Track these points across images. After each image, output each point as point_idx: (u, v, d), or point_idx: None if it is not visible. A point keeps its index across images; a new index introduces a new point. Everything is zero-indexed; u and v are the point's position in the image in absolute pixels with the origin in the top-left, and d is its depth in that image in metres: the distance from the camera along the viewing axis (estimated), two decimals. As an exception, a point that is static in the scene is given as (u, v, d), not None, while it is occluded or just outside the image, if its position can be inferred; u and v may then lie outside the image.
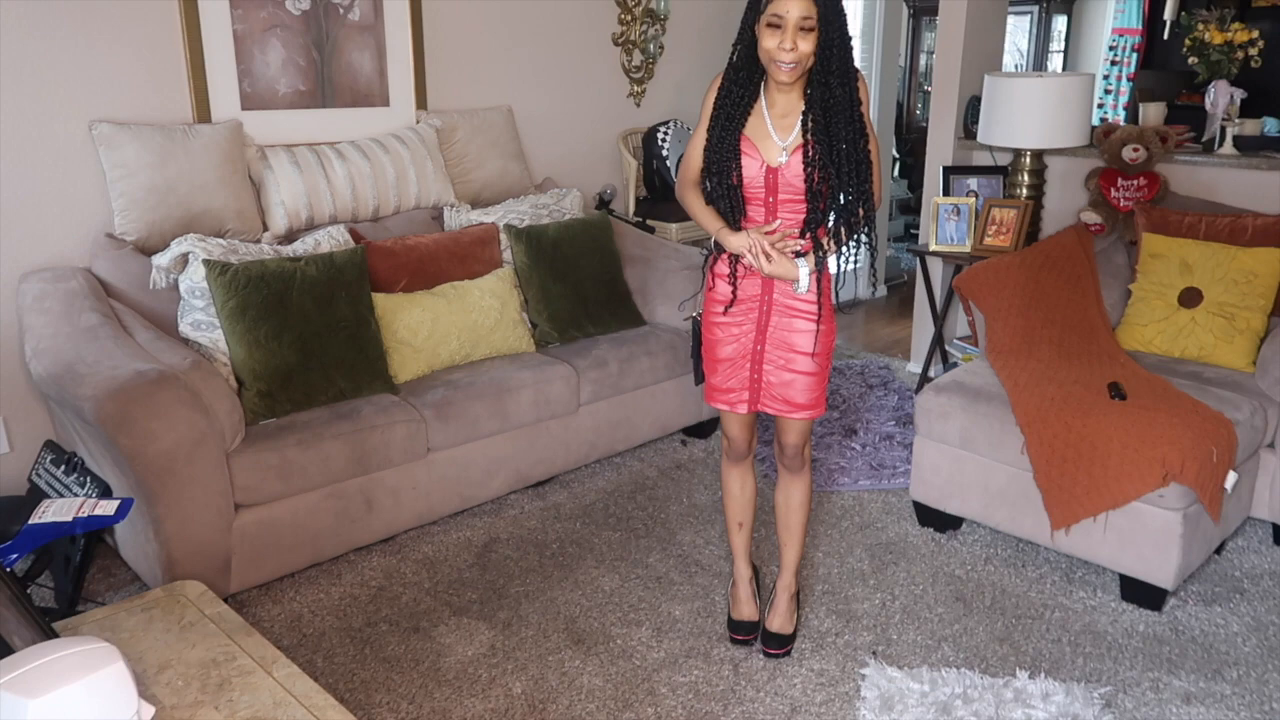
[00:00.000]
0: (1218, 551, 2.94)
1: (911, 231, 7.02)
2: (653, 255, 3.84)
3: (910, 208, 7.18)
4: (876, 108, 5.73)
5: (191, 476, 2.42)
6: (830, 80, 2.09)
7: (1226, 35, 3.78)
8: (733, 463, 2.52)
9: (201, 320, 2.80)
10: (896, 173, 7.17)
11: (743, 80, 2.17)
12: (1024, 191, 3.99)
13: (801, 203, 2.18)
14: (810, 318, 2.26)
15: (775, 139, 2.17)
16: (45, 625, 1.48)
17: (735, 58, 2.17)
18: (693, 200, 2.30)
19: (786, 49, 2.04)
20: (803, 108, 2.15)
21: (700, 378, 2.47)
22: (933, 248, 4.11)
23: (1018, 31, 7.97)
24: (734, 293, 2.29)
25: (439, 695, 2.30)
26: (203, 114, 3.15)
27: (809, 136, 2.13)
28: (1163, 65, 7.88)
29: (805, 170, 2.14)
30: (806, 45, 2.06)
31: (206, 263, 2.77)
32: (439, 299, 3.16)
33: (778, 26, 2.04)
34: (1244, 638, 2.54)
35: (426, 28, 3.66)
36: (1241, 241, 3.20)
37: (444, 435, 2.95)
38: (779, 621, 2.51)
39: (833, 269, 2.30)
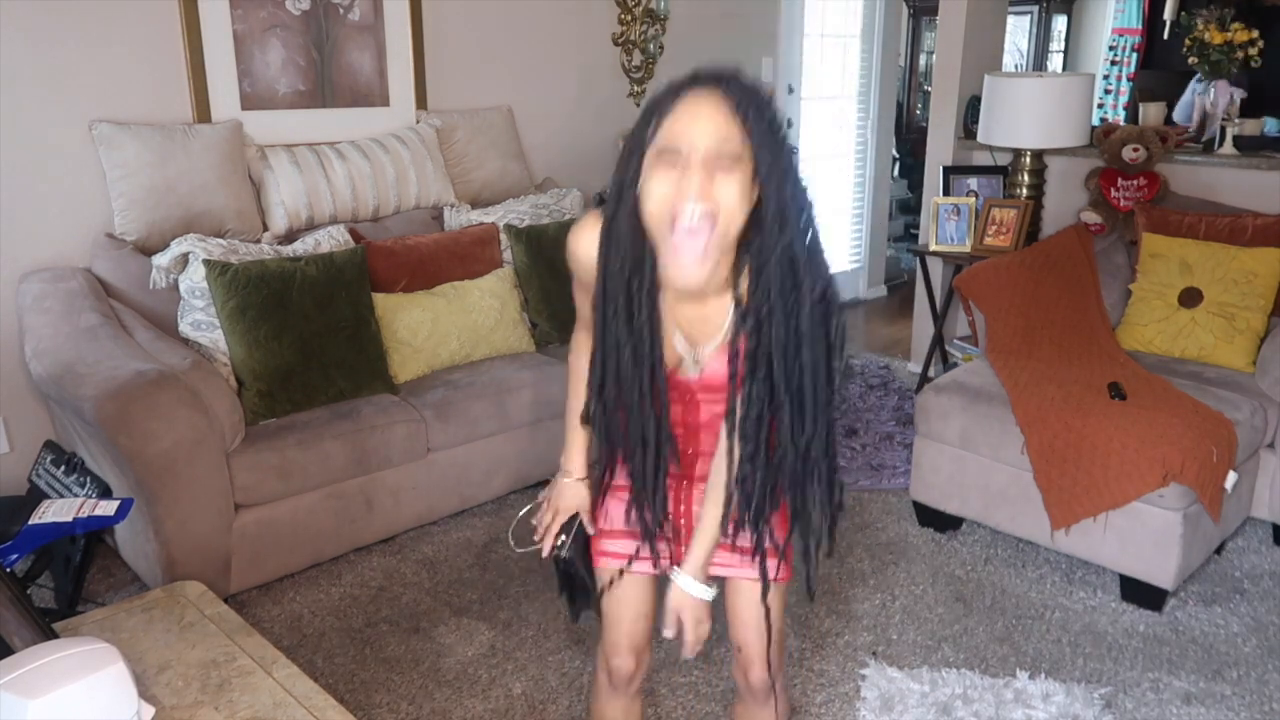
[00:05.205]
0: (1218, 551, 2.94)
1: (911, 231, 7.02)
2: (653, 255, 3.83)
3: (910, 208, 7.18)
4: (877, 108, 5.73)
5: (191, 476, 2.42)
6: (777, 271, 1.24)
7: (1226, 35, 3.78)
8: (614, 690, 1.63)
9: (201, 320, 2.80)
10: (896, 173, 7.16)
11: (627, 252, 1.29)
12: (1024, 191, 3.99)
13: (723, 394, 1.38)
14: None
15: (682, 350, 1.40)
16: (45, 625, 1.48)
17: (615, 213, 1.28)
18: (574, 385, 1.51)
19: (693, 191, 1.18)
20: (730, 305, 1.32)
21: (579, 612, 1.62)
22: (933, 248, 4.11)
23: (1018, 31, 7.96)
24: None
25: (439, 695, 2.30)
26: (203, 114, 3.15)
27: (742, 333, 1.31)
28: (1163, 65, 7.88)
29: (730, 367, 1.34)
30: (729, 190, 1.20)
31: (206, 263, 2.77)
32: (439, 299, 3.16)
33: (674, 153, 1.20)
34: (1244, 638, 2.54)
35: (426, 28, 3.66)
36: (1241, 241, 3.20)
37: (444, 435, 2.95)
38: None
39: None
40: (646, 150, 1.23)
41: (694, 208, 1.18)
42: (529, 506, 1.64)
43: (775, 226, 1.22)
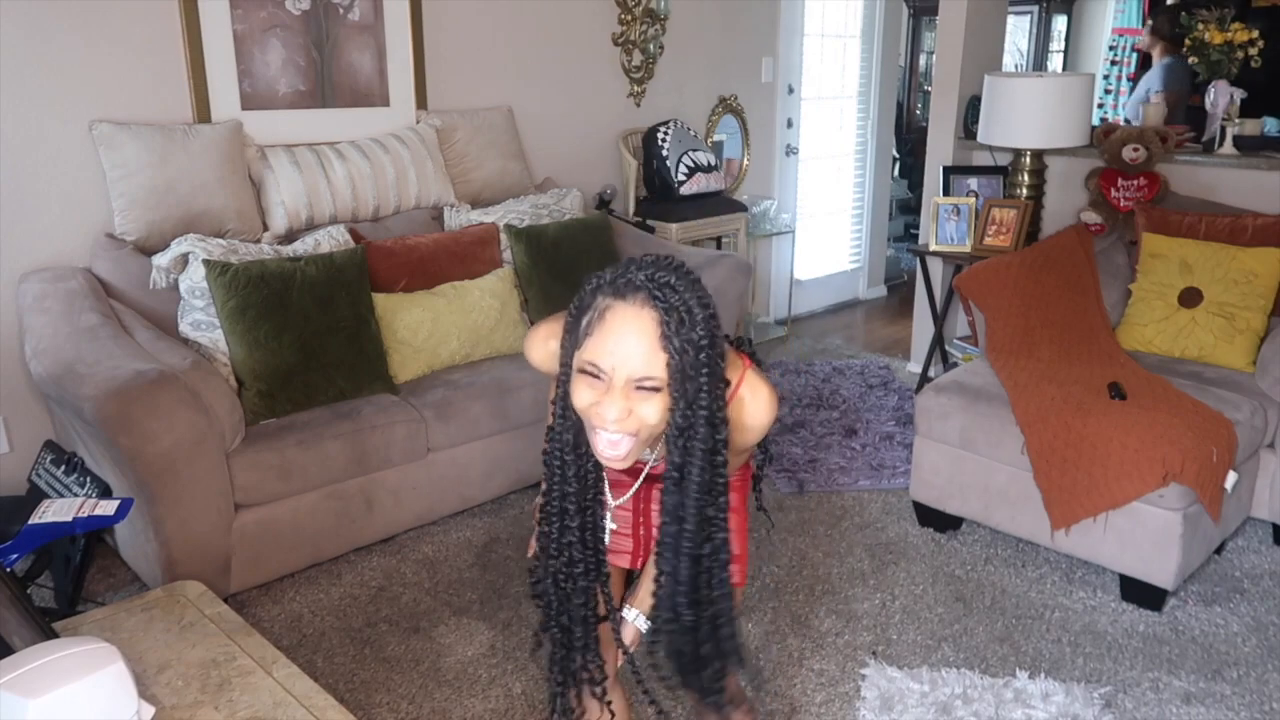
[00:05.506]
0: (1218, 551, 2.94)
1: (911, 231, 7.02)
2: (653, 255, 3.83)
3: (910, 208, 7.18)
4: (877, 108, 5.73)
5: (191, 476, 2.42)
6: (687, 474, 1.31)
7: (1226, 35, 3.78)
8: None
9: (201, 320, 2.80)
10: (896, 173, 7.17)
11: (581, 441, 1.38)
12: (1024, 191, 3.99)
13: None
14: None
15: (608, 498, 1.55)
16: (45, 625, 1.48)
17: (568, 400, 1.34)
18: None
19: (611, 417, 1.24)
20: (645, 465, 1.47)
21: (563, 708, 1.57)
22: (933, 248, 4.11)
23: (1018, 31, 7.96)
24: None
25: (439, 695, 2.30)
26: (203, 114, 3.15)
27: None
28: (1163, 65, 7.87)
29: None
30: (649, 410, 1.25)
31: (206, 263, 2.77)
32: (439, 299, 3.16)
33: (595, 376, 1.25)
34: (1244, 638, 2.54)
35: (426, 28, 3.66)
36: (1241, 241, 3.20)
37: (444, 435, 2.95)
38: None
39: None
40: (580, 346, 1.27)
41: (612, 432, 1.25)
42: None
43: (678, 443, 1.28)
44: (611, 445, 1.27)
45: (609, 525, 1.57)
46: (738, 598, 1.65)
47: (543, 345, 1.48)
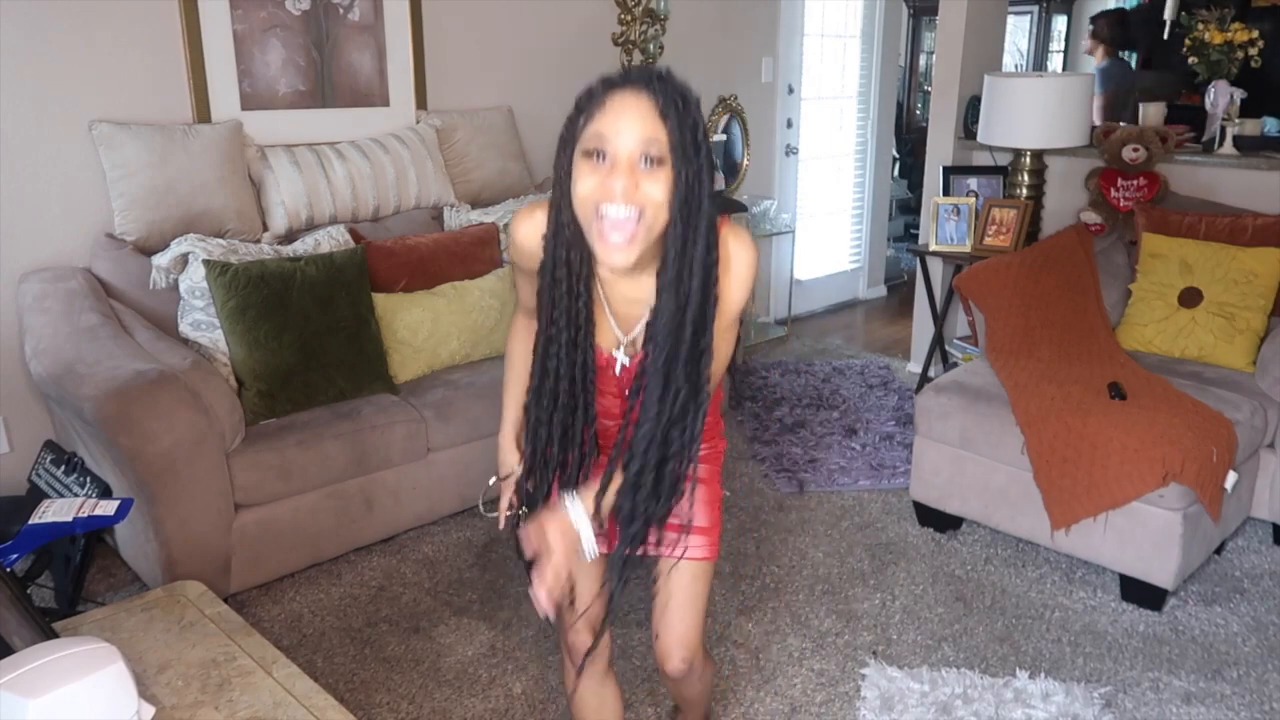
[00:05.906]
0: (1218, 551, 2.94)
1: (911, 231, 7.02)
2: (653, 255, 3.83)
3: (910, 208, 7.18)
4: (877, 108, 5.73)
5: (191, 476, 2.42)
6: (685, 259, 1.30)
7: (1226, 35, 3.78)
8: (578, 671, 1.63)
9: (201, 320, 2.80)
10: (896, 173, 7.17)
11: (570, 241, 1.35)
12: (1024, 191, 3.99)
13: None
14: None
15: (616, 333, 1.46)
16: (45, 625, 1.48)
17: (559, 203, 1.34)
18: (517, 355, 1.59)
19: (619, 189, 1.23)
20: (652, 300, 1.35)
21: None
22: (933, 248, 4.11)
23: (1018, 31, 7.96)
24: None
25: (439, 695, 2.30)
26: (203, 114, 3.15)
27: (648, 348, 1.36)
28: (1163, 65, 7.87)
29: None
30: (655, 188, 1.25)
31: (206, 263, 2.77)
32: (439, 299, 3.16)
33: (600, 154, 1.26)
34: (1244, 638, 2.54)
35: (426, 28, 3.66)
36: (1241, 241, 3.20)
37: (444, 435, 2.95)
38: None
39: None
40: (576, 145, 1.29)
41: (619, 207, 1.25)
42: (494, 479, 1.69)
43: (681, 214, 1.27)
44: (617, 226, 1.25)
45: (622, 359, 1.47)
46: (709, 572, 1.66)
47: (529, 217, 1.44)
